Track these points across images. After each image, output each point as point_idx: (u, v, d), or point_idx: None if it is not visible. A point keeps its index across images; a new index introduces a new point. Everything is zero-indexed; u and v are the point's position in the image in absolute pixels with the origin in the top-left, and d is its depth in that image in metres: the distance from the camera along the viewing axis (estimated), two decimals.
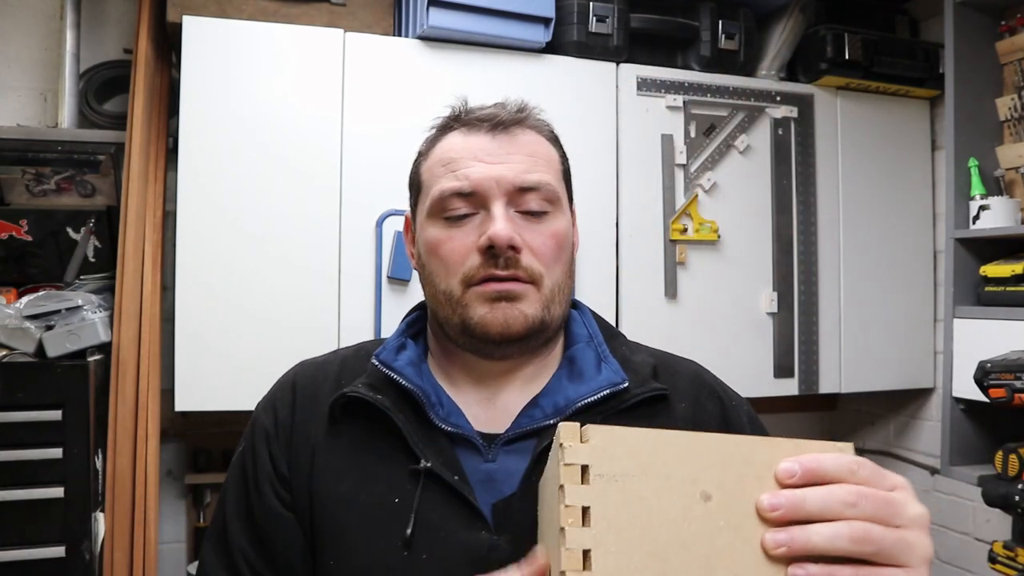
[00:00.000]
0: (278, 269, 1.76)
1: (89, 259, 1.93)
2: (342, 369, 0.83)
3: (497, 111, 0.80)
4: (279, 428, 0.79)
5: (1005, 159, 1.96)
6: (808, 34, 2.16)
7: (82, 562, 1.64)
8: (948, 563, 2.18)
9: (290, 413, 0.80)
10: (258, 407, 0.83)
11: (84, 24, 2.03)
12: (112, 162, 1.93)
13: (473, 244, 0.75)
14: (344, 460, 0.75)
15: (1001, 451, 1.67)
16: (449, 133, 0.81)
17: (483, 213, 0.76)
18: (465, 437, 0.74)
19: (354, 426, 0.76)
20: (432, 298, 0.80)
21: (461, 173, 0.76)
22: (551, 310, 0.77)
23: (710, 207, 2.06)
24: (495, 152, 0.77)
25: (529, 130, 0.81)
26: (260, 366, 1.72)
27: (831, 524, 0.47)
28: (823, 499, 0.48)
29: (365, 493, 0.73)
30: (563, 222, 0.79)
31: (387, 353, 0.79)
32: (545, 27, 1.91)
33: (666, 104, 2.04)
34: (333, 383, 0.80)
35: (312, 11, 1.83)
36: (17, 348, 1.69)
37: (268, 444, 0.78)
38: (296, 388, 0.82)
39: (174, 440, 2.10)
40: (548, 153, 0.82)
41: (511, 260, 0.74)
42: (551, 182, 0.78)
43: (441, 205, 0.77)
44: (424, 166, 0.82)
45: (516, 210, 0.76)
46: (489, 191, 0.75)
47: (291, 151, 1.78)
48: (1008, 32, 1.96)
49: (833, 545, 0.47)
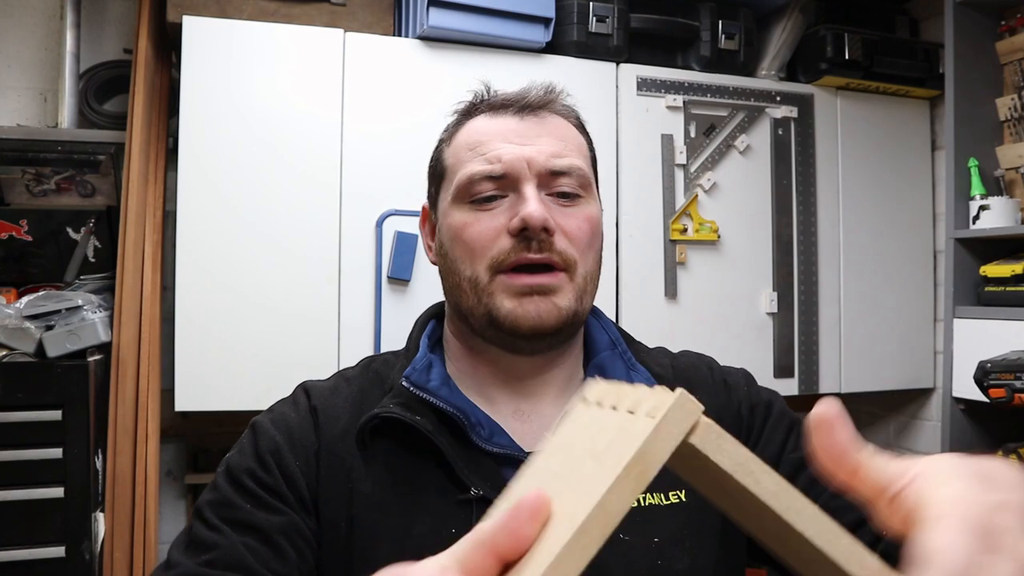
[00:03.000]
0: (278, 269, 1.76)
1: (89, 259, 1.93)
2: (360, 391, 0.76)
3: (524, 93, 0.77)
4: (296, 447, 0.71)
5: (1005, 159, 1.96)
6: (808, 34, 2.16)
7: (82, 562, 1.64)
8: None
9: (313, 433, 0.72)
10: (262, 423, 0.74)
11: (84, 24, 2.03)
12: (112, 162, 1.93)
13: (503, 227, 0.71)
14: (385, 489, 0.69)
15: (1001, 451, 1.67)
16: (474, 117, 0.78)
17: (513, 196, 0.72)
18: (513, 457, 0.70)
19: (388, 451, 0.71)
20: (455, 288, 0.74)
21: (492, 155, 0.72)
22: (583, 301, 0.73)
23: (710, 207, 2.06)
24: (524, 133, 0.74)
25: (556, 115, 0.78)
26: (260, 366, 1.72)
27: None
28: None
29: (417, 525, 0.67)
30: (595, 208, 0.76)
31: (418, 374, 0.73)
32: (545, 27, 1.91)
33: (666, 104, 2.04)
34: (353, 405, 0.74)
35: (312, 11, 1.83)
36: (17, 348, 1.69)
37: (279, 457, 0.70)
38: (316, 409, 0.74)
39: (174, 440, 2.10)
40: (577, 138, 0.78)
41: (545, 243, 0.70)
42: (582, 166, 0.75)
43: (469, 189, 0.73)
44: (448, 151, 0.78)
45: (547, 193, 0.73)
46: (520, 172, 0.72)
47: (291, 151, 1.78)
48: (1008, 32, 1.96)
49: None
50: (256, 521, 0.67)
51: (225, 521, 0.67)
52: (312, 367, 1.63)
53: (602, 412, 0.40)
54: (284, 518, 0.68)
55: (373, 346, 1.79)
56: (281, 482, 0.69)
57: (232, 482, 0.70)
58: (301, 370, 1.78)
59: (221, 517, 0.67)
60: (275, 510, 0.68)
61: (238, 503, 0.68)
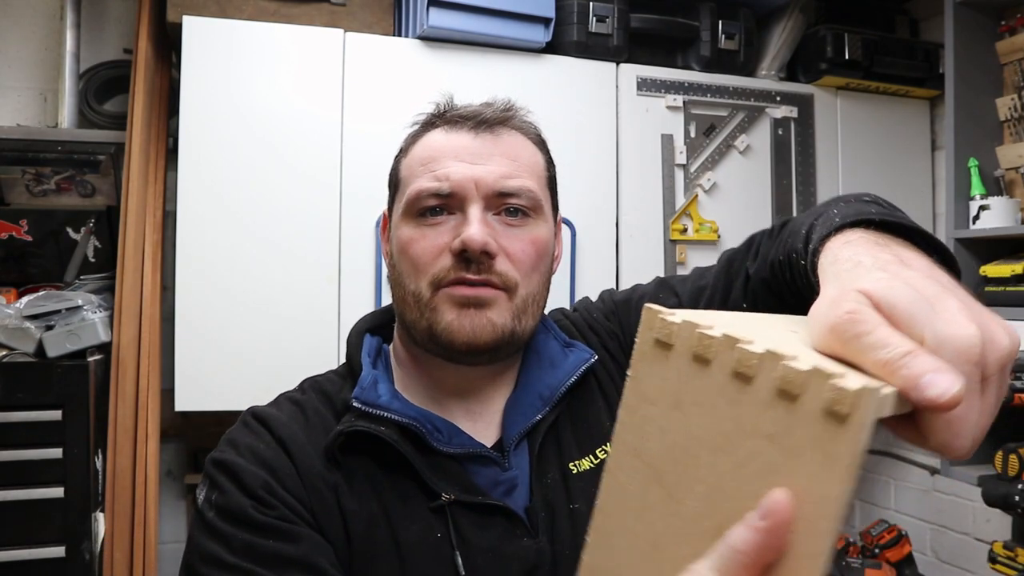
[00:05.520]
0: (278, 269, 1.76)
1: (89, 259, 1.93)
2: (315, 412, 0.74)
3: (482, 109, 0.77)
4: (281, 478, 0.68)
5: (1005, 159, 1.96)
6: (808, 34, 2.16)
7: (82, 562, 1.64)
8: (948, 563, 2.18)
9: (289, 462, 0.69)
10: (235, 462, 0.68)
11: (84, 24, 2.03)
12: (112, 162, 1.93)
13: (446, 245, 0.71)
14: (369, 503, 0.69)
15: (1001, 451, 1.67)
16: (431, 130, 0.78)
17: (459, 215, 0.72)
18: (480, 454, 0.72)
19: (363, 466, 0.70)
20: (401, 301, 0.75)
21: (441, 173, 0.72)
22: (522, 321, 0.73)
23: (710, 207, 2.06)
24: (476, 152, 0.74)
25: (515, 131, 0.77)
26: (260, 366, 1.72)
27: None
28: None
29: (404, 534, 0.68)
30: (543, 230, 0.76)
31: (366, 392, 0.72)
32: (545, 27, 1.91)
33: (666, 104, 2.04)
34: (313, 429, 0.72)
35: (312, 11, 1.83)
36: (17, 348, 1.69)
37: (272, 491, 0.66)
38: (282, 439, 0.70)
39: (174, 440, 2.10)
40: (532, 158, 0.78)
41: (484, 266, 0.70)
42: (532, 188, 0.74)
43: (417, 205, 0.73)
44: (404, 163, 0.79)
45: (494, 213, 0.73)
46: (467, 193, 0.72)
47: (291, 151, 1.78)
48: (1008, 32, 1.96)
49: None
50: (290, 553, 0.63)
51: (259, 564, 0.62)
52: (312, 367, 1.62)
53: (711, 378, 0.36)
54: (312, 541, 0.65)
55: None
56: (286, 511, 0.66)
57: (237, 522, 0.65)
58: (301, 370, 1.77)
59: (251, 560, 0.62)
60: (299, 537, 0.65)
61: (257, 541, 0.63)
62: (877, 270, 0.42)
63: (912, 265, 0.43)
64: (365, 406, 0.70)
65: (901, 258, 0.44)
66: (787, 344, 0.36)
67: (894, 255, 0.44)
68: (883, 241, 0.48)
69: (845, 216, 0.52)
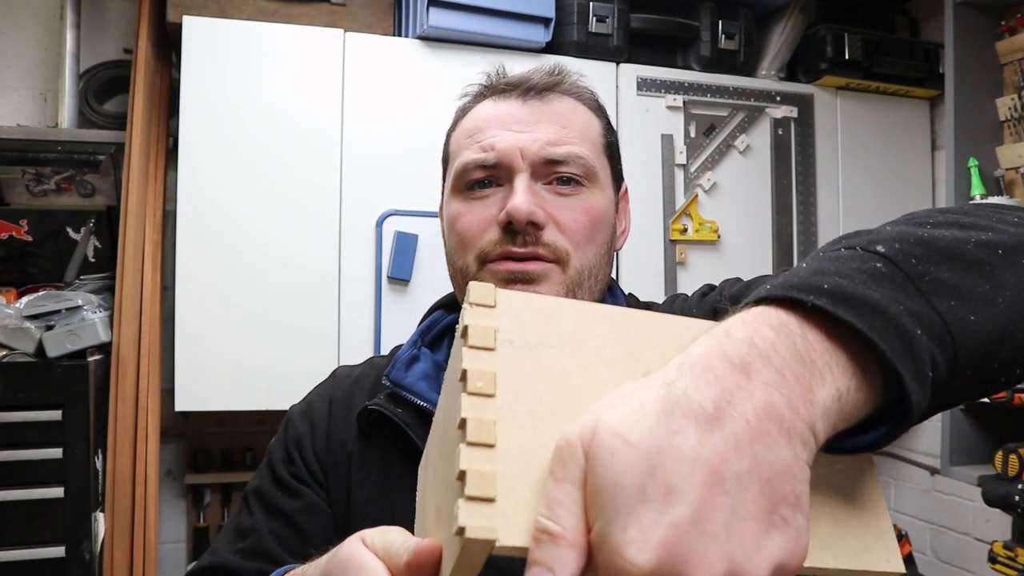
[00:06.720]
0: (278, 269, 1.76)
1: (89, 259, 1.93)
2: (375, 380, 0.78)
3: (530, 75, 0.74)
4: (316, 435, 0.77)
5: (1005, 159, 1.96)
6: (808, 34, 2.16)
7: (82, 562, 1.64)
8: (948, 563, 2.18)
9: (327, 421, 0.77)
10: (292, 414, 0.81)
11: (84, 24, 2.03)
12: (112, 162, 1.93)
13: (492, 218, 0.69)
14: (376, 476, 0.72)
15: (1001, 451, 1.67)
16: (481, 101, 0.76)
17: (507, 187, 0.70)
18: None
19: (385, 440, 0.73)
20: (452, 279, 0.75)
21: (487, 143, 0.70)
22: (577, 296, 0.68)
23: (710, 207, 2.06)
24: (523, 120, 0.71)
25: (566, 96, 0.74)
26: (260, 366, 1.72)
27: None
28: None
29: (402, 508, 0.67)
30: (600, 199, 0.72)
31: (397, 370, 0.73)
32: (545, 27, 1.91)
33: (666, 104, 2.04)
34: (368, 394, 0.77)
35: (312, 11, 1.83)
36: (17, 348, 1.69)
37: (300, 448, 0.76)
38: (333, 399, 0.79)
39: (174, 440, 2.10)
40: (585, 123, 0.73)
41: (531, 238, 0.67)
42: (584, 154, 0.71)
43: (464, 178, 0.71)
44: (453, 137, 0.77)
45: (545, 183, 0.70)
46: (513, 162, 0.69)
47: (291, 151, 1.78)
48: (1008, 32, 1.96)
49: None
50: (284, 507, 0.74)
51: (261, 507, 0.75)
52: (312, 367, 1.63)
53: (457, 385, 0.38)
54: (305, 501, 0.74)
55: (373, 346, 1.79)
56: (303, 469, 0.75)
57: (269, 469, 0.78)
58: (301, 370, 1.79)
59: (258, 503, 0.76)
60: (299, 494, 0.74)
61: (271, 491, 0.75)
62: (696, 381, 0.33)
63: (753, 393, 0.33)
64: (393, 385, 0.73)
65: (759, 369, 0.34)
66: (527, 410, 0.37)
67: (759, 361, 0.34)
68: (790, 330, 0.36)
69: (776, 287, 0.39)
